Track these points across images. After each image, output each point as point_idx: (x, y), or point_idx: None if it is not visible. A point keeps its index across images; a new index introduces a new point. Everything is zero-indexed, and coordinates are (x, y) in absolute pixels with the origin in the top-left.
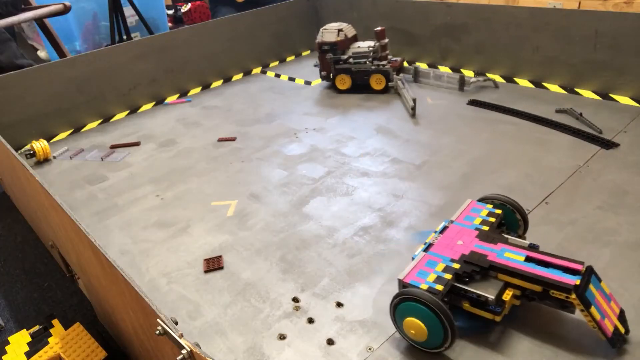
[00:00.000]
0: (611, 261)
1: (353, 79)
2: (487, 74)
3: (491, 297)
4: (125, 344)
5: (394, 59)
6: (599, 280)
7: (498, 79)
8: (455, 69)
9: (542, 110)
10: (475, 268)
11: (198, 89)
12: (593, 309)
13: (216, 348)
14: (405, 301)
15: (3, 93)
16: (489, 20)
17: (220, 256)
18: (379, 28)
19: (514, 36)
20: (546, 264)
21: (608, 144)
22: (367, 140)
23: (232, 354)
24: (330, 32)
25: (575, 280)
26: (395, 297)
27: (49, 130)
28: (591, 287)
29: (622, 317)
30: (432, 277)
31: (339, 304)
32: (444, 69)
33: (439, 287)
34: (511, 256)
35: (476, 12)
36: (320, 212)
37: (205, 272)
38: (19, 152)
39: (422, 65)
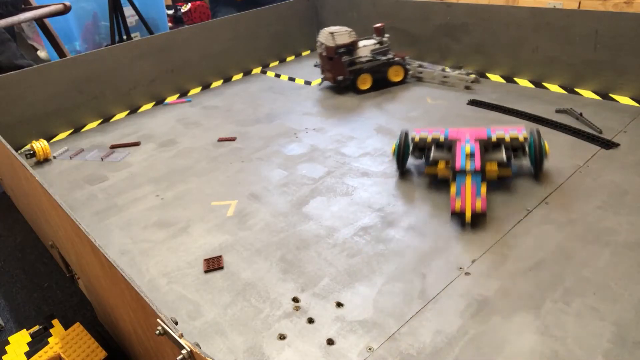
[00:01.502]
0: (611, 261)
1: (372, 77)
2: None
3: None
4: (125, 344)
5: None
6: (483, 183)
7: (498, 79)
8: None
9: (542, 110)
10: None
11: (198, 89)
12: (453, 186)
13: (216, 348)
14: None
15: (3, 93)
16: (489, 20)
17: (220, 256)
18: (379, 24)
19: (514, 36)
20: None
21: (608, 144)
22: (367, 140)
23: (232, 354)
24: (342, 34)
25: (462, 166)
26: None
27: (49, 130)
28: (469, 178)
29: (477, 216)
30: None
31: (339, 304)
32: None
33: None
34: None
35: (476, 12)
36: (320, 212)
37: (205, 272)
38: (19, 152)
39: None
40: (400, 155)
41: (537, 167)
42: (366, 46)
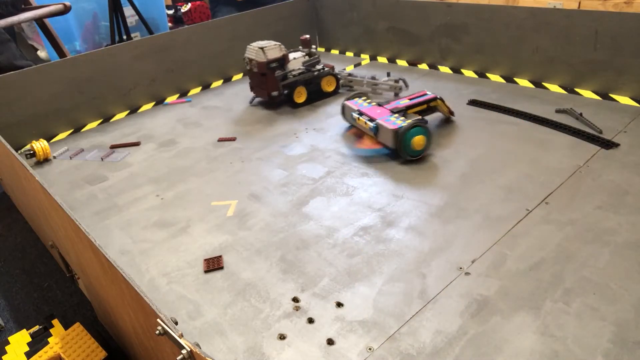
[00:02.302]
0: (611, 261)
1: (307, 89)
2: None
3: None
4: (125, 344)
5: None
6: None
7: (498, 79)
8: (455, 69)
9: (542, 110)
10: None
11: (198, 89)
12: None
13: (216, 348)
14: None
15: (3, 93)
16: (489, 20)
17: (220, 256)
18: (306, 36)
19: (514, 36)
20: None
21: (608, 144)
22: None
23: (232, 354)
24: (272, 48)
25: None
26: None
27: (49, 130)
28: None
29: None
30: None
31: (339, 304)
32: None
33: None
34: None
35: (476, 12)
36: (320, 212)
37: (205, 272)
38: (19, 152)
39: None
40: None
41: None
42: (296, 59)
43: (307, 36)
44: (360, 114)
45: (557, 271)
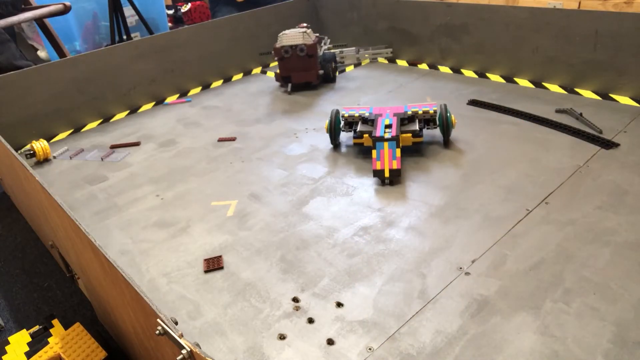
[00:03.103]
0: (611, 261)
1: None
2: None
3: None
4: (125, 344)
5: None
6: (398, 149)
7: (498, 79)
8: (455, 69)
9: (542, 110)
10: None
11: (198, 89)
12: (374, 152)
13: (216, 348)
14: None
15: (3, 93)
16: (489, 20)
17: (220, 256)
18: (304, 24)
19: (514, 36)
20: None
21: (608, 144)
22: None
23: (232, 354)
24: (310, 33)
25: (381, 134)
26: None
27: (49, 130)
28: (386, 144)
29: (395, 172)
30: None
31: (339, 304)
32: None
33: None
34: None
35: (476, 12)
36: (320, 212)
37: (205, 272)
38: (19, 152)
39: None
40: (332, 130)
41: (445, 135)
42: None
43: (305, 24)
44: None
45: (557, 271)
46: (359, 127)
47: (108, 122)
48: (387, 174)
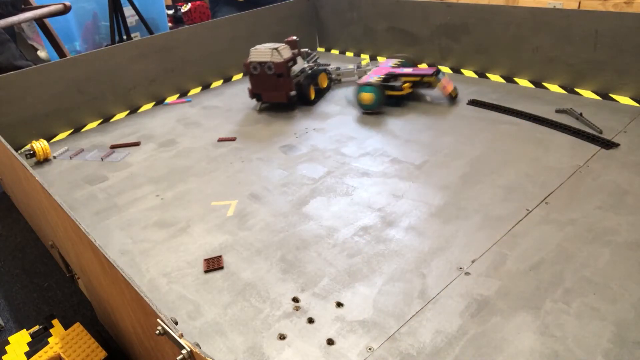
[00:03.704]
0: (611, 261)
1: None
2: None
3: (397, 84)
4: (125, 344)
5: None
6: (443, 74)
7: (498, 79)
8: (455, 69)
9: (542, 110)
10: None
11: (198, 89)
12: (440, 82)
13: (216, 348)
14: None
15: (3, 93)
16: (489, 20)
17: (220, 256)
18: (293, 37)
19: (514, 36)
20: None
21: (608, 144)
22: (367, 140)
23: (232, 354)
24: (284, 49)
25: (432, 72)
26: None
27: (49, 130)
28: (440, 76)
29: (454, 91)
30: (373, 79)
31: (339, 304)
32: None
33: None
34: (404, 70)
35: (476, 12)
36: (320, 212)
37: (205, 272)
38: (19, 152)
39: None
40: (381, 100)
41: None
42: (301, 56)
43: (294, 37)
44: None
45: (557, 271)
46: (397, 81)
47: (108, 122)
48: (454, 93)
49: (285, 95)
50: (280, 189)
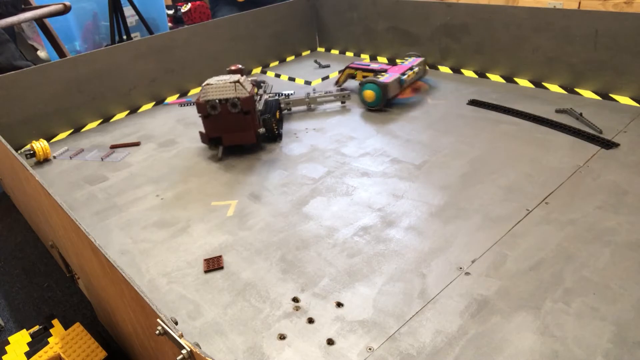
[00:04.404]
0: (611, 261)
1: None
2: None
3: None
4: (125, 344)
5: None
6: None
7: (498, 79)
8: (455, 69)
9: (542, 110)
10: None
11: (198, 89)
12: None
13: (216, 348)
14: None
15: (3, 93)
16: (489, 20)
17: (220, 256)
18: (238, 66)
19: (514, 36)
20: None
21: (608, 144)
22: (367, 140)
23: (232, 354)
24: (245, 81)
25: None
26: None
27: (49, 130)
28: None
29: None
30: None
31: (339, 304)
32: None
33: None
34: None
35: (476, 12)
36: (320, 212)
37: (205, 272)
38: (19, 152)
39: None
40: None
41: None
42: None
43: (240, 65)
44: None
45: (557, 271)
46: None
47: (108, 122)
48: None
49: (253, 134)
50: (280, 189)
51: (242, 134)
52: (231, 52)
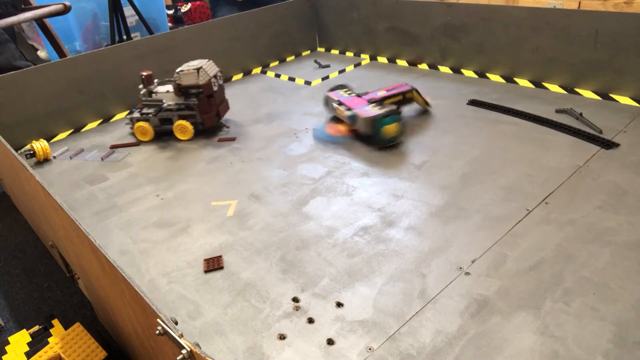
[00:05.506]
0: (611, 261)
1: None
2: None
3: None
4: (125, 344)
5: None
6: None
7: (498, 79)
8: (455, 69)
9: (542, 110)
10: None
11: None
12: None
13: (216, 348)
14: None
15: (3, 93)
16: (489, 20)
17: (220, 256)
18: (149, 72)
19: (514, 36)
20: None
21: (608, 144)
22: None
23: (232, 354)
24: (210, 65)
25: (411, 87)
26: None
27: (49, 130)
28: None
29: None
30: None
31: (339, 304)
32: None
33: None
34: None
35: (476, 12)
36: (320, 212)
37: (205, 272)
38: (19, 152)
39: None
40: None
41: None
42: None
43: (149, 72)
44: (340, 103)
45: (557, 271)
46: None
47: (108, 122)
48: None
49: (219, 116)
50: (280, 189)
51: (206, 115)
52: (231, 52)
